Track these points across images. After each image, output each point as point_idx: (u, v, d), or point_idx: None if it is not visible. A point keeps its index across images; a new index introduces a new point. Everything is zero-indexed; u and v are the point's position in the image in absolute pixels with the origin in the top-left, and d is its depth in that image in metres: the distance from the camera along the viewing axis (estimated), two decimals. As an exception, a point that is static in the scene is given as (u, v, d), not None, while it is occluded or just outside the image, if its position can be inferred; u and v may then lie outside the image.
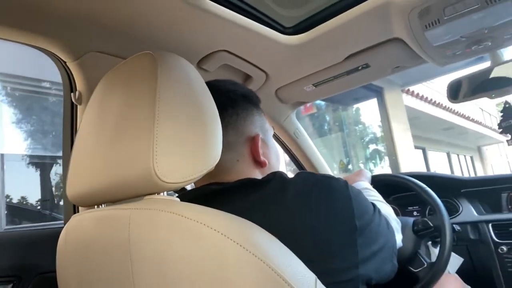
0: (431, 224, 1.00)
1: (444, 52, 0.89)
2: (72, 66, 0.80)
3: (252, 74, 1.03)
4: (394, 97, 5.55)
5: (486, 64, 0.99)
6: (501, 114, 1.01)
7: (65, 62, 0.78)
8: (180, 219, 0.44)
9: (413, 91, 6.18)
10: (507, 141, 0.99)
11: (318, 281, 0.48)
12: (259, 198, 0.64)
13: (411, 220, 1.04)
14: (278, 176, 0.67)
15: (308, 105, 5.37)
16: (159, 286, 0.44)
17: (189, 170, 0.49)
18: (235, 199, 0.64)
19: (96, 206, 0.59)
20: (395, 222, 0.85)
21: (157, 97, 0.49)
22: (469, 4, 0.73)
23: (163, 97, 0.49)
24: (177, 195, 0.71)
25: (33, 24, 0.69)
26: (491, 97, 0.98)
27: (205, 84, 0.58)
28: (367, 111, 6.12)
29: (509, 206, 1.20)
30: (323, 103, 5.75)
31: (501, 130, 1.00)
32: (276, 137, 1.34)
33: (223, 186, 0.68)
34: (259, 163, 0.78)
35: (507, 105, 0.99)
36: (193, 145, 0.50)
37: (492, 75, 0.97)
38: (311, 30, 0.91)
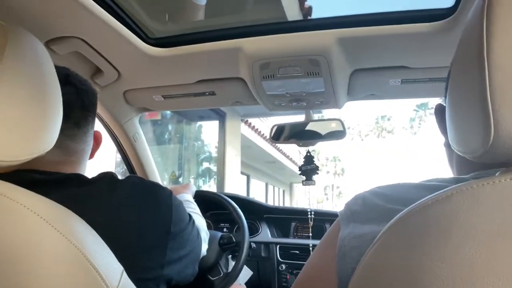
0: (234, 240, 1.17)
1: (273, 100, 1.09)
2: None
3: (103, 69, 1.02)
4: (233, 124, 6.04)
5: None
6: (303, 160, 1.28)
7: None
8: None
9: (250, 123, 6.85)
10: (303, 181, 1.25)
11: (124, 273, 0.53)
12: (83, 193, 0.66)
13: (219, 234, 1.19)
14: (108, 176, 0.70)
15: (156, 113, 5.32)
16: None
17: (16, 150, 0.48)
18: (58, 191, 0.64)
19: None
20: (204, 234, 0.97)
21: None
22: (296, 71, 0.93)
23: (4, 71, 0.48)
24: None
25: None
26: (299, 145, 1.24)
27: (53, 68, 0.58)
28: (208, 130, 6.43)
29: (294, 234, 1.51)
30: (169, 113, 5.78)
31: (300, 172, 1.26)
32: (113, 136, 1.33)
33: (50, 176, 0.67)
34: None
35: (308, 154, 1.26)
36: (27, 125, 0.50)
37: (306, 128, 1.24)
38: (172, 48, 0.98)
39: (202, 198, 1.26)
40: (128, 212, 0.68)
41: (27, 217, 0.44)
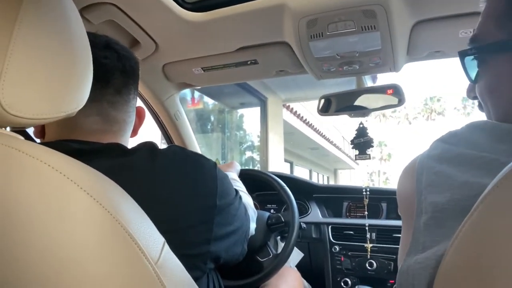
0: (283, 220, 1.09)
1: (322, 65, 0.99)
2: None
3: (140, 40, 0.97)
4: (275, 109, 5.94)
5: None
6: (355, 132, 1.17)
7: None
8: (22, 156, 0.38)
9: (292, 108, 6.72)
10: (355, 155, 1.14)
11: (166, 246, 0.47)
12: (124, 163, 0.61)
13: (266, 214, 1.12)
14: (148, 146, 0.65)
15: (196, 100, 5.35)
16: None
17: (45, 107, 0.43)
18: (99, 161, 0.60)
19: None
20: (252, 212, 0.90)
21: (19, 19, 0.42)
22: (348, 26, 0.83)
23: (27, 20, 0.43)
24: None
25: None
26: (350, 116, 1.13)
27: (82, 24, 0.52)
28: (250, 118, 6.40)
29: (347, 213, 1.40)
30: (211, 102, 5.80)
31: (352, 146, 1.15)
32: (154, 115, 1.29)
33: (88, 145, 0.62)
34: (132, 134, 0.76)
35: (361, 125, 1.15)
36: (55, 81, 0.45)
37: (358, 97, 1.12)
38: (210, 12, 0.91)
39: (247, 177, 1.20)
40: (169, 183, 0.62)
41: (56, 179, 0.39)
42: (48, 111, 0.44)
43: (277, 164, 5.90)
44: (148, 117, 1.26)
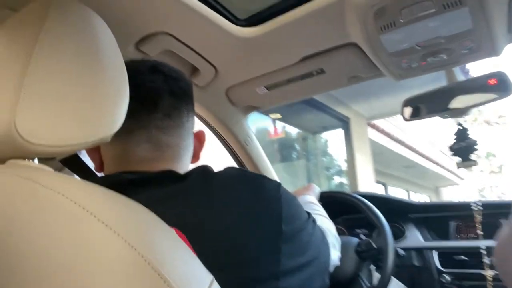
0: (375, 246, 0.94)
1: (399, 62, 0.85)
2: None
3: (199, 67, 0.95)
4: (359, 129, 5.65)
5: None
6: (455, 136, 0.97)
7: None
8: (37, 187, 0.34)
9: (377, 126, 6.33)
10: (457, 163, 0.95)
11: (215, 284, 0.38)
12: (175, 190, 0.55)
13: (354, 240, 0.98)
14: (201, 169, 0.59)
15: (277, 130, 5.36)
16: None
17: (69, 133, 0.39)
18: (149, 190, 0.55)
19: None
20: (333, 238, 0.78)
21: (39, 38, 0.40)
22: (426, 7, 0.69)
23: (47, 41, 0.40)
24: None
25: None
26: (444, 117, 0.95)
27: (115, 43, 0.49)
28: (335, 143, 6.18)
29: (456, 235, 1.16)
30: (292, 130, 5.77)
31: (452, 152, 0.96)
32: (223, 141, 1.25)
33: (139, 175, 0.58)
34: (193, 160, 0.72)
35: (460, 127, 0.95)
36: (82, 104, 0.41)
37: (450, 93, 0.94)
38: (265, 24, 0.85)
39: (328, 200, 1.07)
40: (226, 209, 0.54)
41: (74, 212, 0.33)
42: (73, 137, 0.39)
43: (367, 186, 5.53)
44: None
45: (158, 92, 0.62)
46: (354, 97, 4.79)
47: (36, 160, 0.41)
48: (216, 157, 1.11)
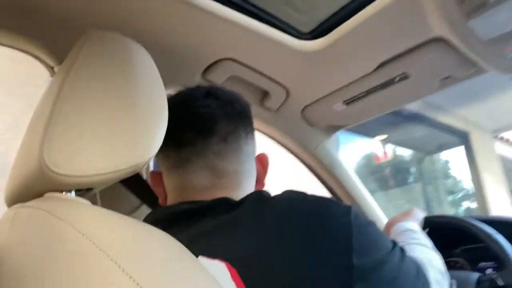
0: (501, 283, 0.75)
1: (501, 50, 0.69)
2: None
3: (268, 89, 0.91)
4: (483, 144, 4.91)
5: None
6: None
7: (52, 68, 0.75)
8: (51, 218, 0.33)
9: (507, 139, 5.44)
10: None
11: None
12: (228, 219, 0.51)
13: (475, 276, 0.80)
14: (256, 194, 0.54)
15: (386, 153, 5.01)
16: None
17: (98, 162, 0.38)
18: (204, 220, 0.52)
19: None
20: (437, 273, 0.63)
21: (72, 71, 0.41)
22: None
23: (77, 72, 0.41)
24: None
25: (20, 25, 0.67)
26: None
27: (153, 68, 0.49)
28: (458, 163, 5.49)
29: None
30: (408, 153, 5.33)
31: None
32: (307, 166, 1.18)
33: (196, 205, 0.56)
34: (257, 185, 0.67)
35: None
36: (114, 132, 0.40)
37: None
38: (332, 32, 0.78)
39: (437, 227, 0.91)
40: (281, 240, 0.47)
41: (89, 252, 0.31)
42: (102, 167, 0.38)
43: (501, 210, 4.70)
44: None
45: (213, 117, 0.61)
46: (469, 105, 4.18)
47: (73, 193, 0.41)
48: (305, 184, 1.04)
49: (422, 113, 4.02)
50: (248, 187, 0.63)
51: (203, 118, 0.60)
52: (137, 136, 0.42)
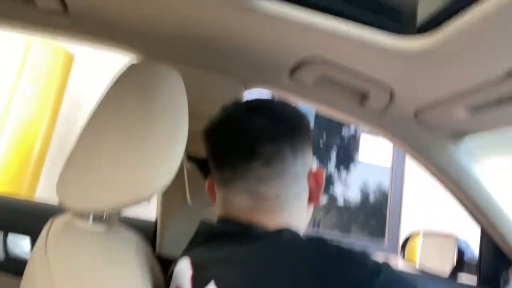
0: None
1: None
2: None
3: (367, 90, 0.80)
4: None
5: None
6: None
7: None
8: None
9: None
10: None
11: None
12: (238, 253, 0.54)
13: None
14: (284, 233, 0.54)
15: None
16: None
17: (99, 197, 0.44)
18: (229, 245, 0.54)
19: None
20: None
21: (102, 101, 0.47)
22: None
23: (105, 103, 0.46)
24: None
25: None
26: None
27: (183, 98, 0.51)
28: None
29: None
30: None
31: None
32: (433, 174, 1.01)
33: (230, 227, 0.60)
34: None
35: None
36: (117, 168, 0.45)
37: None
38: (444, 24, 0.62)
39: None
40: None
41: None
42: (105, 201, 0.44)
43: None
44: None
45: (257, 138, 0.59)
46: None
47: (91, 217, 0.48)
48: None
49: None
50: (294, 209, 0.61)
51: (247, 140, 0.59)
52: (141, 170, 0.46)
